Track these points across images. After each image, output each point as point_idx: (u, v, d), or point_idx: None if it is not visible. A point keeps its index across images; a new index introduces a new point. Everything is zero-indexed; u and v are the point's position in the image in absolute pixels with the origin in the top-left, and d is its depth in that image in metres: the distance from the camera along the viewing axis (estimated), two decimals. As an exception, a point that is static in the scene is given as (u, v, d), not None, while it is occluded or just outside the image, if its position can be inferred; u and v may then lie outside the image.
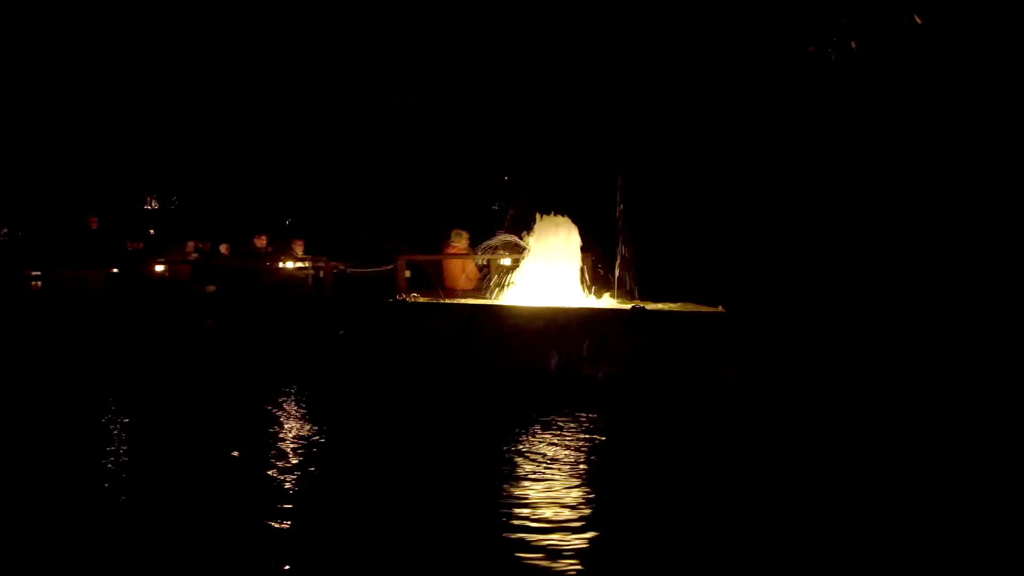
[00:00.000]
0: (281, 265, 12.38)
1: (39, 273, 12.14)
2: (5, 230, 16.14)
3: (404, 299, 9.39)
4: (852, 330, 7.88)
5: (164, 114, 16.72)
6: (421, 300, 9.50)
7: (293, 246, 12.79)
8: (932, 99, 11.00)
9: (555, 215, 9.73)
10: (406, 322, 8.73)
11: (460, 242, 11.07)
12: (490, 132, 16.90)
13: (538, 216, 9.69)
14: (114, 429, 6.06)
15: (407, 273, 10.96)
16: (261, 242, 12.86)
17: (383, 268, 11.42)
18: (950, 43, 10.77)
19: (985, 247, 10.25)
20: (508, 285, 9.65)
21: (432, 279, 11.07)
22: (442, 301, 9.40)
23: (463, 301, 9.39)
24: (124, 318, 10.58)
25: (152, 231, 16.69)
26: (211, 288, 11.83)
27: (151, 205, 18.00)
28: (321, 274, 11.85)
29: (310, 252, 13.17)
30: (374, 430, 6.23)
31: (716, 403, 6.86)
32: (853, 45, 11.66)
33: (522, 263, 9.66)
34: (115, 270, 12.26)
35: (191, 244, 12.74)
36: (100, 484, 4.56)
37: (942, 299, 9.49)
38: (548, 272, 9.44)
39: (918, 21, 10.77)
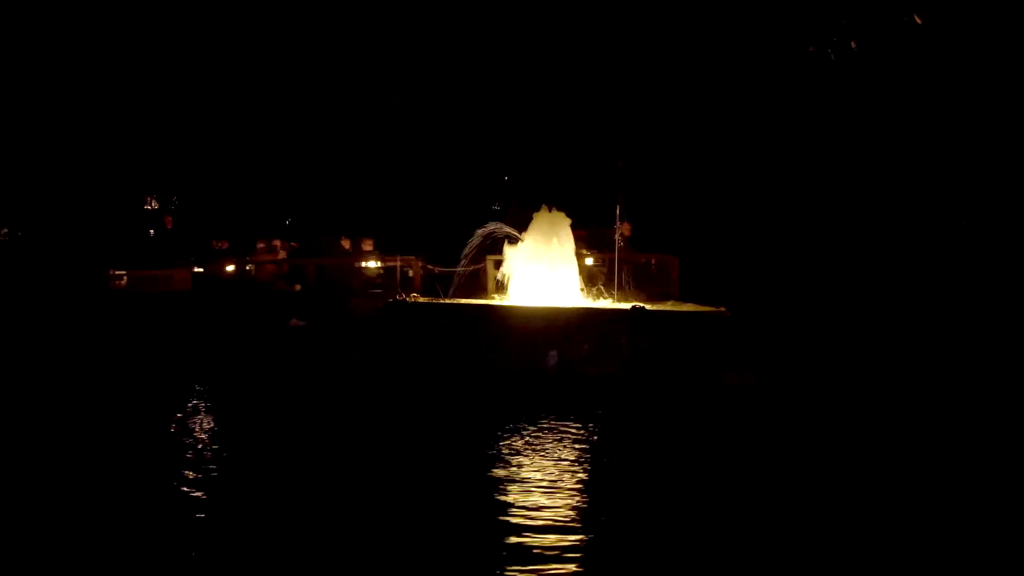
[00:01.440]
0: (364, 265, 12.29)
1: (123, 272, 12.14)
2: (5, 230, 16.11)
3: (404, 299, 9.36)
4: (851, 330, 7.89)
5: (165, 114, 16.69)
6: (421, 300, 9.48)
7: (362, 245, 12.70)
8: (932, 99, 10.99)
9: (554, 211, 9.65)
10: (407, 322, 8.71)
11: None
12: (490, 131, 16.89)
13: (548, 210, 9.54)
14: (194, 422, 6.13)
15: (496, 273, 10.82)
16: (346, 243, 12.75)
17: (468, 267, 11.27)
18: (950, 43, 10.77)
19: (985, 247, 10.24)
20: (505, 285, 9.58)
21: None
22: (442, 301, 9.37)
23: (463, 301, 9.36)
24: (214, 317, 10.49)
25: (152, 231, 16.65)
26: (298, 287, 11.84)
27: (151, 205, 17.94)
28: (411, 273, 11.72)
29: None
30: (380, 434, 6.21)
31: (715, 403, 6.85)
32: (853, 45, 11.65)
33: (518, 262, 9.57)
34: (200, 269, 12.26)
35: (278, 242, 12.62)
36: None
37: (941, 299, 9.49)
38: (546, 271, 9.39)
39: (918, 21, 10.77)
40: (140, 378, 8.64)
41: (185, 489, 4.51)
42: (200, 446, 5.48)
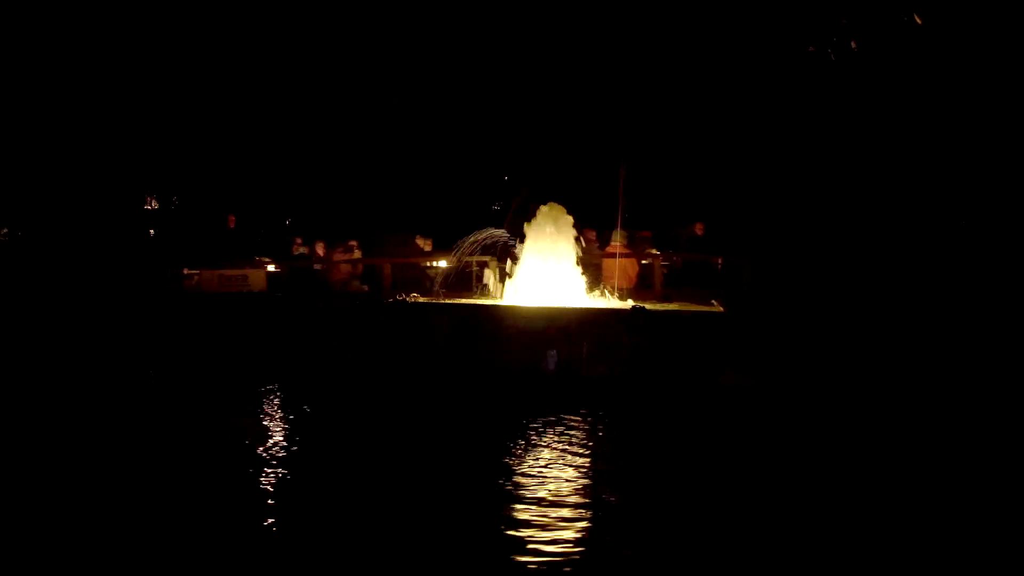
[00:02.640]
0: (435, 264, 12.21)
1: (196, 272, 12.05)
2: (5, 230, 16.12)
3: (404, 299, 9.37)
4: (850, 331, 7.88)
5: (166, 115, 16.70)
6: (421, 300, 9.48)
7: (423, 245, 12.55)
8: (932, 99, 10.99)
9: (554, 209, 9.63)
10: (407, 322, 8.71)
11: (619, 240, 10.68)
12: (490, 131, 16.90)
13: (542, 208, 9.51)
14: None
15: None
16: (421, 242, 12.68)
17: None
18: (950, 43, 10.77)
19: (984, 247, 10.24)
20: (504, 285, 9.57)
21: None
22: (442, 301, 9.37)
23: (463, 301, 9.34)
24: (294, 316, 10.34)
25: (152, 231, 16.67)
26: (366, 287, 11.98)
27: (151, 205, 17.94)
28: (487, 272, 11.61)
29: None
30: (384, 434, 6.20)
31: (715, 403, 6.85)
32: (853, 45, 11.65)
33: (518, 263, 9.56)
34: (275, 268, 12.22)
35: (354, 243, 12.62)
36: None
37: (941, 299, 9.48)
38: (546, 271, 9.39)
39: (918, 21, 10.77)
40: (196, 381, 8.54)
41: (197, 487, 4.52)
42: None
